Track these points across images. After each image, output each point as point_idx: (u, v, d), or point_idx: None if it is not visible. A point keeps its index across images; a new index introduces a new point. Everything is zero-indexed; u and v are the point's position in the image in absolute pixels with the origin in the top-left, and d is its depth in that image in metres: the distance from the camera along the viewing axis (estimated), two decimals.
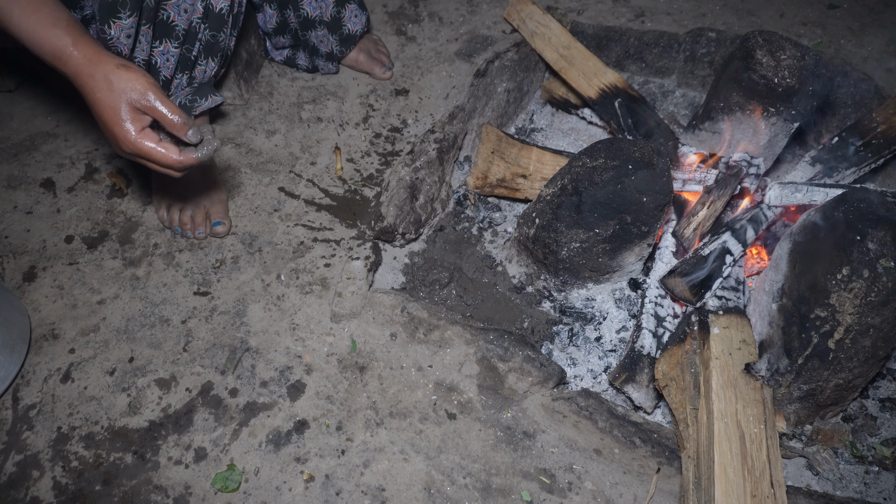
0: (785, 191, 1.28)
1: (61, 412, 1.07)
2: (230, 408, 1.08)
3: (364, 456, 1.04)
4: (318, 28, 1.49)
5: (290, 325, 1.18)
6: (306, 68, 1.63)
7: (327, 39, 1.52)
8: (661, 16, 1.84)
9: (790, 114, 1.26)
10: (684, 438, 1.03)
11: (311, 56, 1.59)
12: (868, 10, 1.89)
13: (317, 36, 1.52)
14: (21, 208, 1.32)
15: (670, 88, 1.68)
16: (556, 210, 1.17)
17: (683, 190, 1.34)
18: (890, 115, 1.37)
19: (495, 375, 1.12)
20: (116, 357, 1.13)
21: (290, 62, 1.62)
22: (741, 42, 1.28)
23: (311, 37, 1.52)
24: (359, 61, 1.63)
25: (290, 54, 1.61)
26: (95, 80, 0.89)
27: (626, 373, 1.13)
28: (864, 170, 1.36)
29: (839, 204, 1.03)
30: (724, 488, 0.92)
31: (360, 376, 1.13)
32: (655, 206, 1.13)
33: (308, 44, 1.55)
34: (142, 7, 1.06)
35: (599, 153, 1.17)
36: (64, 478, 1.00)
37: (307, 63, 1.62)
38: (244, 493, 1.00)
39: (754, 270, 1.30)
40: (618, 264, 1.22)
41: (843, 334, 1.00)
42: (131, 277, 1.23)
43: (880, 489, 1.09)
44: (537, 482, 1.04)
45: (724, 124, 1.32)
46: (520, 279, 1.31)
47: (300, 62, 1.62)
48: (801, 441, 1.14)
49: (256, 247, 1.29)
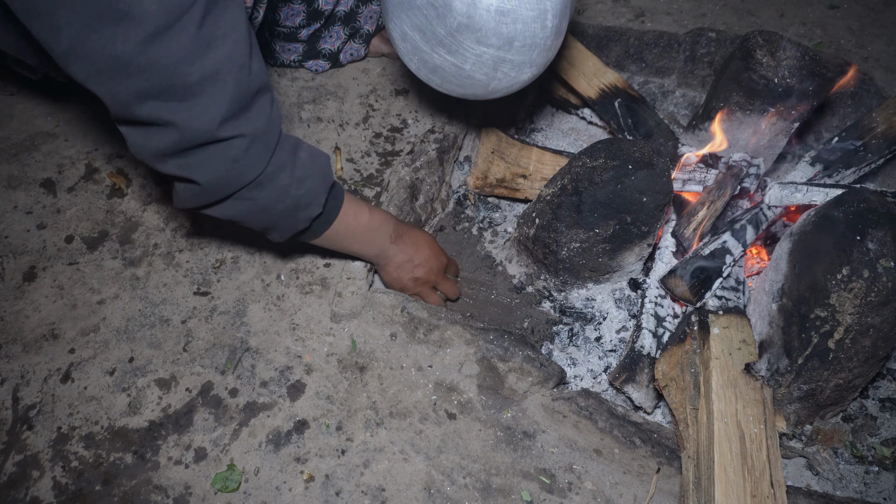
0: (785, 191, 1.28)
1: (61, 412, 1.07)
2: (230, 408, 1.08)
3: (364, 456, 1.04)
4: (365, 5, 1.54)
5: (290, 325, 1.18)
6: (330, 54, 1.61)
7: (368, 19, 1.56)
8: (661, 16, 1.84)
9: (790, 114, 1.26)
10: (684, 438, 1.04)
11: (347, 38, 1.60)
12: (868, 10, 1.89)
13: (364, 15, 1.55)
14: (21, 208, 1.32)
15: (670, 88, 1.68)
16: (556, 210, 1.17)
17: (683, 190, 1.34)
18: (890, 115, 1.37)
19: (495, 375, 1.12)
20: (116, 357, 1.13)
21: (309, 55, 1.60)
22: (741, 42, 1.28)
23: (360, 14, 1.55)
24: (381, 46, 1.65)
25: (305, 49, 1.59)
26: (408, 244, 1.17)
27: (626, 373, 1.13)
28: (864, 170, 1.36)
29: (839, 204, 1.03)
30: (724, 488, 0.92)
31: (360, 376, 1.13)
32: (655, 206, 1.13)
33: (336, 28, 1.57)
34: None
35: (599, 153, 1.17)
36: (64, 478, 1.00)
37: (333, 50, 1.61)
38: (244, 493, 1.00)
39: (754, 270, 1.30)
40: (618, 264, 1.22)
41: (843, 334, 1.00)
42: (131, 277, 1.23)
43: (880, 489, 1.09)
44: (537, 482, 1.04)
45: (723, 124, 1.32)
46: (520, 279, 1.31)
47: (324, 46, 1.60)
48: (801, 441, 1.14)
49: (256, 247, 1.29)
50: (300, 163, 0.92)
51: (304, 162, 0.93)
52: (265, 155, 0.86)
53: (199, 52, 0.72)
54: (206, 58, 0.73)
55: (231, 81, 0.76)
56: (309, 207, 0.96)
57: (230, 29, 0.74)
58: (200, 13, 0.71)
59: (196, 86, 0.74)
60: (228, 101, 0.77)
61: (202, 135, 0.77)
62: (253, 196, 0.89)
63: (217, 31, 0.73)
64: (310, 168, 0.94)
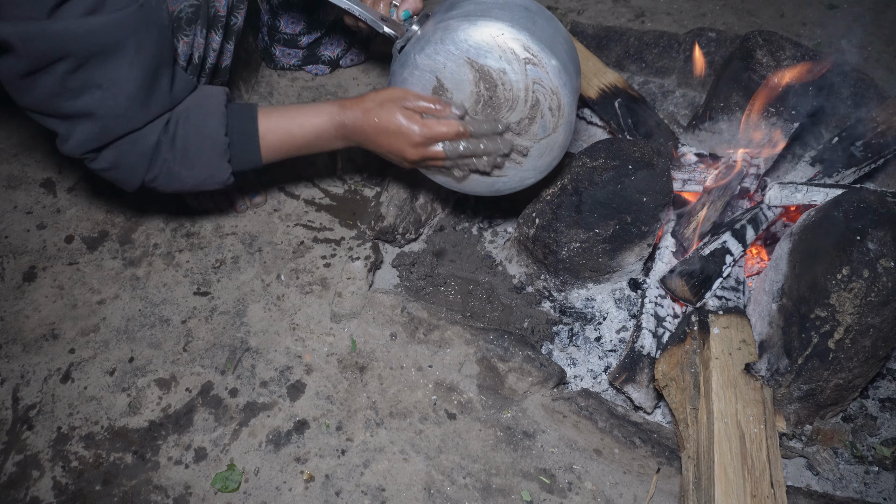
0: (785, 191, 1.28)
1: (61, 412, 1.07)
2: (230, 408, 1.08)
3: (364, 456, 1.04)
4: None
5: (290, 325, 1.18)
6: (329, 61, 1.61)
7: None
8: (661, 16, 1.84)
9: (790, 114, 1.26)
10: (684, 438, 1.04)
11: (347, 47, 1.59)
12: (868, 10, 1.89)
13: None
14: (21, 208, 1.32)
15: (670, 88, 1.68)
16: (556, 210, 1.17)
17: (683, 190, 1.34)
18: (890, 115, 1.37)
19: (495, 375, 1.12)
20: (116, 357, 1.13)
21: (308, 60, 1.60)
22: (741, 42, 1.28)
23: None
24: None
25: (305, 55, 1.59)
26: (368, 113, 1.02)
27: (626, 373, 1.13)
28: (864, 170, 1.35)
29: (839, 204, 1.03)
30: (724, 488, 0.92)
31: (360, 376, 1.13)
32: (655, 206, 1.13)
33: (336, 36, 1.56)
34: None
35: (599, 153, 1.17)
36: (64, 478, 1.00)
37: (332, 57, 1.60)
38: (244, 493, 1.00)
39: (754, 270, 1.30)
40: (618, 264, 1.22)
41: (843, 334, 1.00)
42: (131, 277, 1.23)
43: (880, 489, 1.09)
44: (537, 482, 1.04)
45: (723, 124, 1.32)
46: (520, 279, 1.31)
47: (324, 53, 1.60)
48: (801, 441, 1.14)
49: (256, 247, 1.29)
50: (178, 142, 1.01)
51: (183, 138, 1.01)
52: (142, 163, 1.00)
53: (72, 95, 0.90)
54: (79, 100, 0.90)
55: (100, 122, 0.93)
56: (215, 175, 1.06)
57: (103, 86, 0.90)
58: (66, 68, 0.87)
59: (72, 117, 0.92)
60: (97, 135, 0.94)
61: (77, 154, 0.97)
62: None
63: (91, 81, 0.89)
64: (193, 141, 1.01)
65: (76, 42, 0.85)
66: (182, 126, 1.00)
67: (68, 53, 0.86)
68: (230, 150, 1.04)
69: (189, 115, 1.01)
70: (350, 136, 1.07)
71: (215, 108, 1.03)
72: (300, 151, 1.10)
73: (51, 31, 0.83)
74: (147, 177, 1.02)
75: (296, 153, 1.10)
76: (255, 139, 1.05)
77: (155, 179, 1.03)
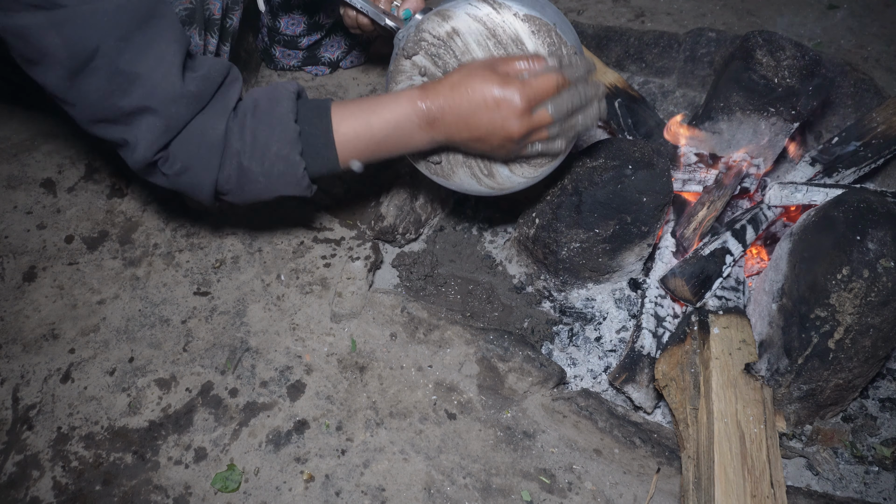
0: (785, 191, 1.28)
1: (61, 412, 1.07)
2: (230, 408, 1.08)
3: (364, 456, 1.04)
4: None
5: (290, 325, 1.18)
6: (329, 62, 1.61)
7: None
8: (661, 16, 1.84)
9: (790, 114, 1.26)
10: (684, 438, 1.04)
11: (348, 49, 1.59)
12: (868, 10, 1.89)
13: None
14: (21, 208, 1.32)
15: (670, 88, 1.68)
16: (556, 210, 1.17)
17: (683, 190, 1.34)
18: (890, 115, 1.37)
19: (495, 375, 1.12)
20: (116, 357, 1.13)
21: (308, 62, 1.61)
22: (741, 42, 1.28)
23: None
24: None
25: (305, 56, 1.59)
26: (456, 88, 0.90)
27: (626, 373, 1.13)
28: (864, 170, 1.36)
29: (839, 204, 1.03)
30: (724, 488, 0.92)
31: (360, 376, 1.13)
32: (655, 206, 1.13)
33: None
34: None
35: (599, 153, 1.17)
36: (64, 478, 1.00)
37: (332, 59, 1.60)
38: (244, 493, 1.00)
39: (754, 270, 1.30)
40: (618, 264, 1.22)
41: (843, 334, 1.00)
42: (131, 277, 1.23)
43: (880, 489, 1.09)
44: (537, 482, 1.04)
45: (723, 124, 1.32)
46: (520, 279, 1.31)
47: (324, 55, 1.60)
48: (801, 441, 1.14)
49: (256, 247, 1.29)
50: (247, 132, 0.96)
51: (255, 136, 0.96)
52: (214, 159, 0.95)
53: (122, 89, 0.86)
54: (132, 93, 0.86)
55: (160, 111, 0.89)
56: (288, 173, 0.99)
57: (150, 68, 0.86)
58: (107, 60, 0.84)
59: (132, 114, 0.88)
60: (163, 126, 0.90)
61: (144, 160, 0.92)
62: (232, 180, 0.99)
63: (136, 67, 0.86)
64: (262, 130, 0.96)
65: (108, 20, 0.82)
66: (251, 116, 0.96)
67: (104, 38, 0.82)
68: (301, 141, 0.97)
69: (258, 103, 0.97)
70: (436, 125, 0.94)
71: (284, 95, 0.98)
72: (379, 148, 0.99)
73: (80, 14, 0.81)
74: (220, 176, 0.96)
75: (375, 151, 0.99)
76: (329, 128, 0.96)
77: (228, 180, 0.97)
